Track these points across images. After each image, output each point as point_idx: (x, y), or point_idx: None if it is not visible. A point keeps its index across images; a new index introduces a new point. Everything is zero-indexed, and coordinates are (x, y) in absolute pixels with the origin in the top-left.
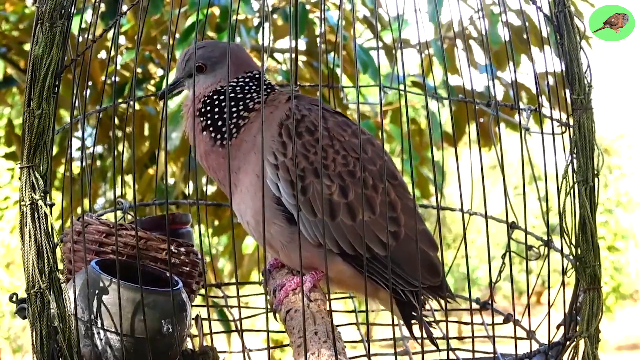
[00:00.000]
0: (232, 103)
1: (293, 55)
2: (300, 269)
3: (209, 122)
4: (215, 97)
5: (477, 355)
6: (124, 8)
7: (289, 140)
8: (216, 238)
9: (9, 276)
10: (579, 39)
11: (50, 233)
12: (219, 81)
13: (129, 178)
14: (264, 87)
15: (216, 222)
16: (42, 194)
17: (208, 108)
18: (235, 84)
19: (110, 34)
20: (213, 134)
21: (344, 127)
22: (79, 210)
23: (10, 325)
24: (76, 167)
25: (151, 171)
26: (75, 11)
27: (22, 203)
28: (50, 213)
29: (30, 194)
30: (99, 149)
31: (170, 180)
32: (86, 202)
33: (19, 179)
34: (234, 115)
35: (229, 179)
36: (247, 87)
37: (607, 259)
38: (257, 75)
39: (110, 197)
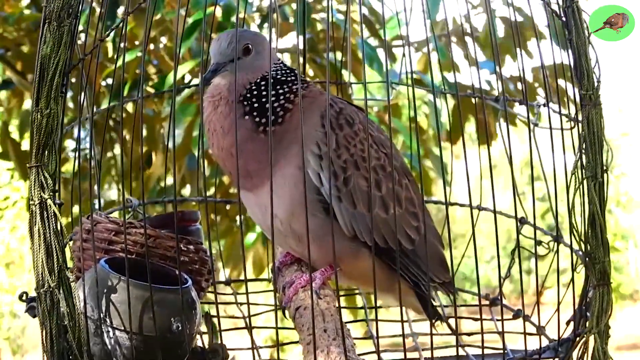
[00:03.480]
0: (278, 87)
1: (301, 47)
2: (334, 260)
3: (255, 105)
4: (262, 83)
5: (486, 351)
6: (123, 10)
7: (331, 132)
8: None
9: (8, 277)
10: (587, 34)
11: (60, 232)
12: (265, 66)
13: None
14: (295, 79)
15: (214, 227)
16: (51, 193)
17: (254, 93)
18: (278, 69)
19: (111, 36)
20: (257, 119)
21: (371, 122)
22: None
23: (10, 325)
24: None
25: (148, 172)
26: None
27: (31, 202)
28: (60, 212)
29: (40, 193)
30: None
31: (169, 180)
32: (95, 200)
33: (28, 178)
34: (282, 98)
35: (270, 162)
36: (287, 75)
37: None
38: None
39: (108, 197)
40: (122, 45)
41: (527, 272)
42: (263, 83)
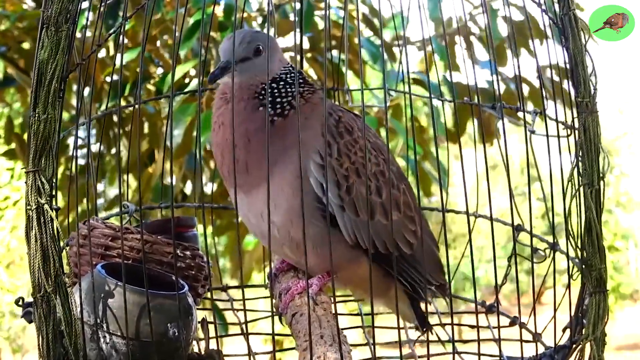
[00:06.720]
0: (287, 87)
1: (299, 53)
2: (331, 267)
3: (269, 99)
4: (273, 85)
5: (483, 358)
6: (127, 11)
7: (332, 140)
8: (216, 238)
9: (9, 276)
10: (584, 42)
11: (56, 237)
12: (275, 69)
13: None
14: (303, 83)
15: (217, 222)
16: (48, 198)
17: (269, 90)
18: (287, 72)
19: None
20: (271, 110)
21: (369, 129)
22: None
23: (10, 325)
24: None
25: (150, 170)
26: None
27: (28, 207)
28: (56, 217)
29: (36, 198)
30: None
31: (169, 179)
32: (91, 204)
33: (25, 183)
34: (290, 97)
35: (267, 160)
36: (295, 77)
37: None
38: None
39: (108, 196)
40: (120, 51)
41: (527, 272)
42: (274, 85)
